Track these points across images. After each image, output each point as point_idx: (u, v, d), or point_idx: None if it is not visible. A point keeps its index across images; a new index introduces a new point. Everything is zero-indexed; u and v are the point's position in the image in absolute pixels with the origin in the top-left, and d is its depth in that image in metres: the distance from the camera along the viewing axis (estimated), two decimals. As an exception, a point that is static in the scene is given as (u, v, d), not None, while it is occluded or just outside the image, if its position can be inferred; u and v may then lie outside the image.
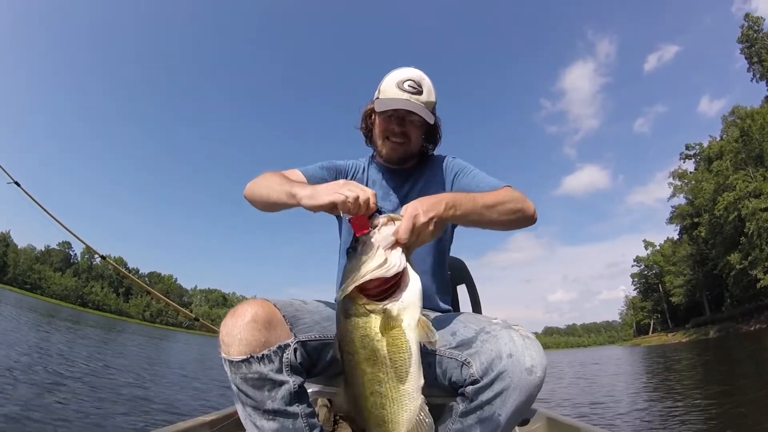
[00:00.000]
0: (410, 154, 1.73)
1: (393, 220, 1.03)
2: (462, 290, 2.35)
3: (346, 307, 0.98)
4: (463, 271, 2.39)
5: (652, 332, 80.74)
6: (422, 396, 0.98)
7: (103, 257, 3.39)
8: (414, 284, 0.98)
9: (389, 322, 0.94)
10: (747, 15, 46.97)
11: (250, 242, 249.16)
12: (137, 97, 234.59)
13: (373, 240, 0.99)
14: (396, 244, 1.00)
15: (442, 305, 1.70)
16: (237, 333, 1.09)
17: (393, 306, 0.95)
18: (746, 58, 47.92)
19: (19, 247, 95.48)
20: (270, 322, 1.14)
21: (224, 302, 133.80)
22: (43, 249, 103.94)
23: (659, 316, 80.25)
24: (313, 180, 1.59)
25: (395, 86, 1.62)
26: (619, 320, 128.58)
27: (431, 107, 1.66)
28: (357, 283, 0.95)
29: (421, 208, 1.06)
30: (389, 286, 0.97)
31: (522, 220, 1.41)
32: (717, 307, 56.31)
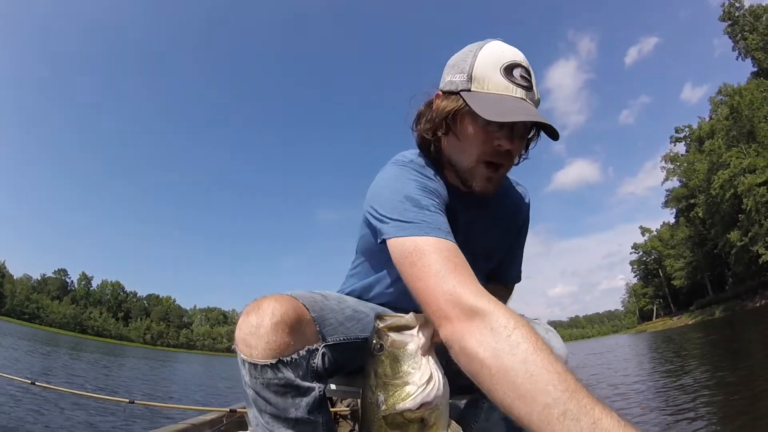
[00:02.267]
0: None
1: (429, 321, 0.94)
2: None
3: (383, 413, 0.90)
4: None
5: (656, 317, 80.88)
6: None
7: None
8: (445, 387, 0.91)
9: (426, 431, 0.89)
10: (728, -8, 47.13)
11: (246, 257, 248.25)
12: (125, 117, 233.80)
13: (413, 346, 0.91)
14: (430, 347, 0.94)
15: None
16: (264, 333, 0.94)
17: (430, 415, 0.89)
18: (730, 37, 48.10)
19: (15, 277, 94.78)
20: (299, 322, 1.00)
21: (225, 320, 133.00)
22: (39, 278, 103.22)
23: (661, 301, 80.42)
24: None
25: (502, 74, 1.06)
26: (622, 309, 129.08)
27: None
28: (409, 407, 0.87)
29: None
30: None
31: None
32: (719, 287, 56.32)
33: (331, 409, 2.70)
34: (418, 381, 0.88)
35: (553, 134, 1.09)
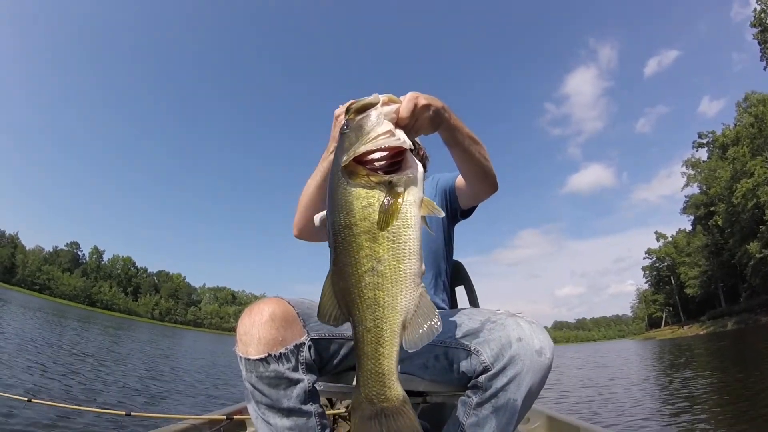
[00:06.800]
0: None
1: (392, 101, 0.95)
2: (460, 292, 2.32)
3: (347, 178, 0.87)
4: (462, 272, 2.29)
5: (664, 326, 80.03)
6: (423, 286, 0.86)
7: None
8: (419, 165, 0.89)
9: (395, 195, 0.85)
10: (760, -3, 45.43)
11: (257, 240, 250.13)
12: (136, 96, 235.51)
13: (374, 114, 0.90)
14: (396, 124, 0.93)
15: (439, 302, 1.67)
16: (255, 332, 1.10)
17: (399, 179, 0.85)
18: (759, 43, 46.45)
19: (27, 248, 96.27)
20: (286, 320, 1.15)
21: (233, 300, 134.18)
22: (51, 250, 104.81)
23: (671, 309, 79.40)
24: None
25: None
26: (630, 314, 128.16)
27: None
28: (367, 147, 0.85)
29: (421, 94, 1.04)
30: (394, 162, 0.88)
31: (489, 174, 1.42)
32: (732, 299, 55.38)
33: (331, 411, 2.69)
34: (379, 131, 0.87)
35: None
